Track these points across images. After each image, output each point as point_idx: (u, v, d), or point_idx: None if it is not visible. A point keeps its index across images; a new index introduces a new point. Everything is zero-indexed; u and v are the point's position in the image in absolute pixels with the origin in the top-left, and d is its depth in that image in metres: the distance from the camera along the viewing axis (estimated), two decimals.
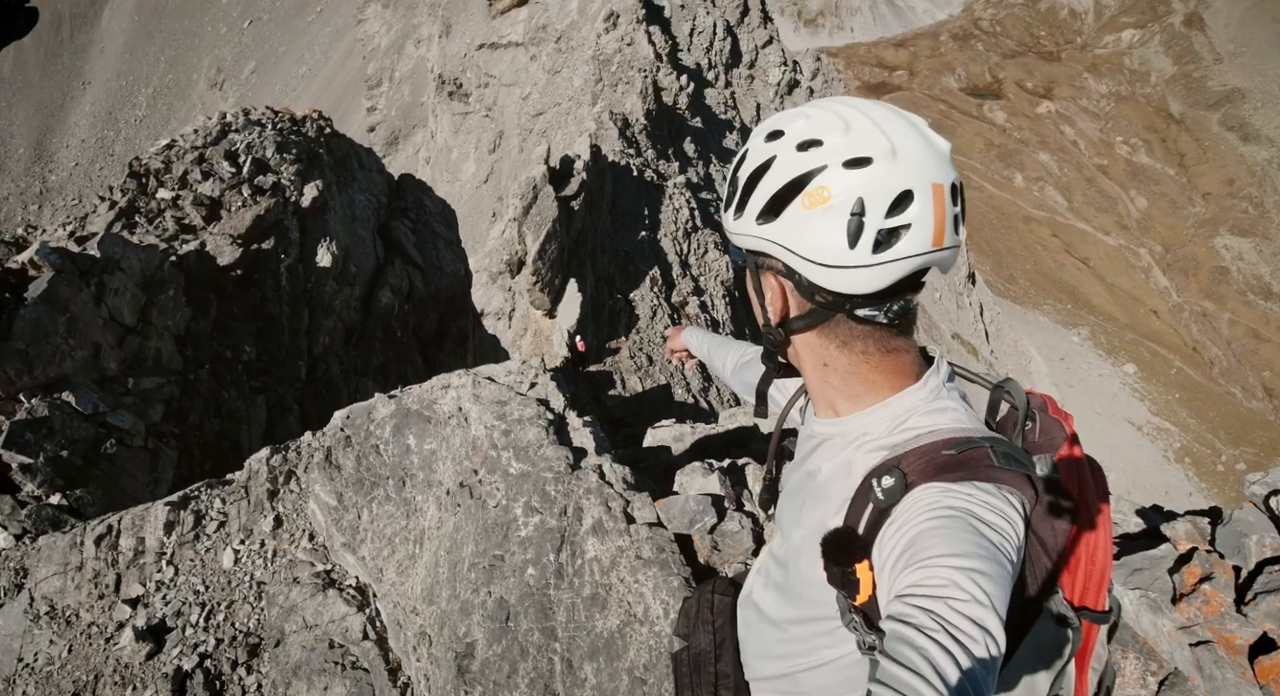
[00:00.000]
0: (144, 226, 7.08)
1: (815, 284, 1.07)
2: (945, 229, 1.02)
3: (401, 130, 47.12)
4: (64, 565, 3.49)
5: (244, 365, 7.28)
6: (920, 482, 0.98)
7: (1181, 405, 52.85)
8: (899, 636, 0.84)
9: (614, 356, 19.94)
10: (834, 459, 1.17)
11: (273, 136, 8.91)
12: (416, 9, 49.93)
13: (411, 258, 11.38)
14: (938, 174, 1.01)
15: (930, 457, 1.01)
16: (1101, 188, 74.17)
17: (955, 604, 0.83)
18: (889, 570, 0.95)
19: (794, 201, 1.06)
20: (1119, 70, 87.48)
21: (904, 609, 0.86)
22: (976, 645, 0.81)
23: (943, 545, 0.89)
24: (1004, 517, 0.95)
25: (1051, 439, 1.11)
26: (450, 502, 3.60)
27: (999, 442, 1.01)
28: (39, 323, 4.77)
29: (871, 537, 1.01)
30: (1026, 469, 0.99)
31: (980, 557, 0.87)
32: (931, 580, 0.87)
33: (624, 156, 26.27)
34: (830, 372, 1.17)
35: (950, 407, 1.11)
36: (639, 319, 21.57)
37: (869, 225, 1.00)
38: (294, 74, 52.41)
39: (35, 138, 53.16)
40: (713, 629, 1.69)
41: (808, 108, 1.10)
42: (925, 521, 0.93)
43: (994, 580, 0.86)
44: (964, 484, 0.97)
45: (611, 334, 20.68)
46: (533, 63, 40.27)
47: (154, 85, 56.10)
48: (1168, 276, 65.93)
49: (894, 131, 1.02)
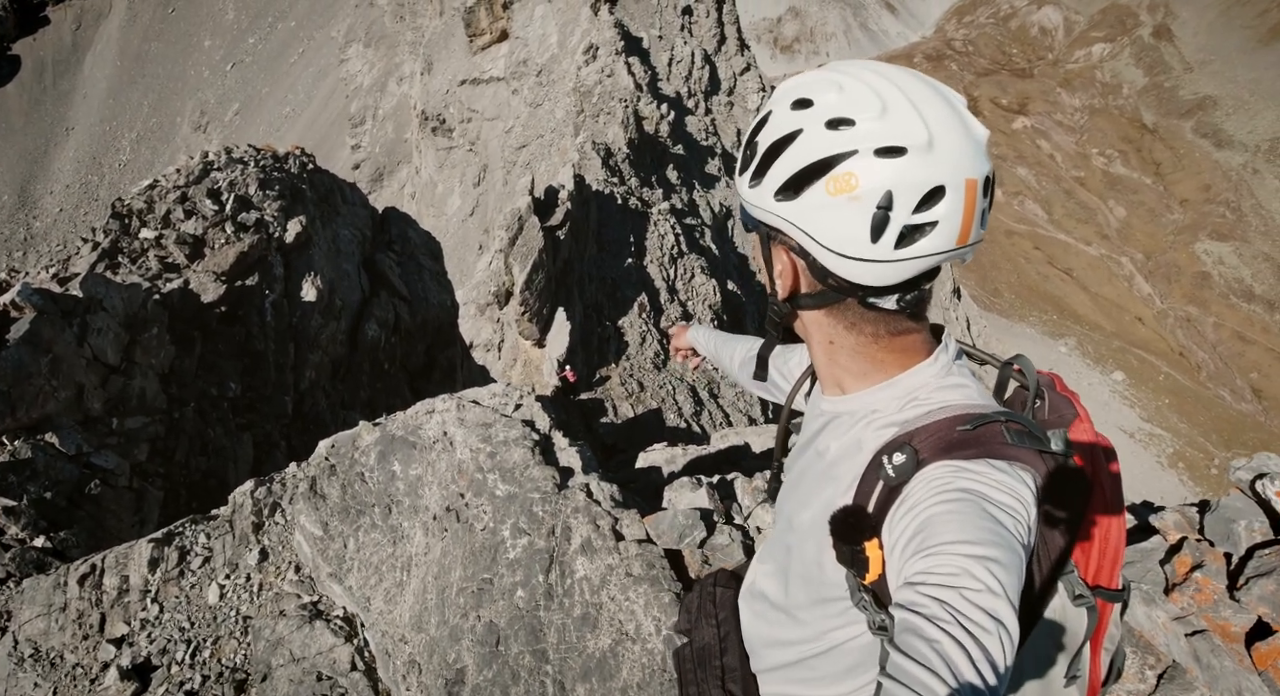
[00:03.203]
0: (127, 266, 7.07)
1: (829, 270, 1.03)
2: (973, 226, 0.97)
3: (386, 167, 47.41)
4: (47, 606, 3.42)
5: (229, 402, 7.22)
6: (932, 460, 0.96)
7: (1172, 410, 53.10)
8: (910, 627, 0.82)
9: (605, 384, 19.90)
10: (842, 437, 1.15)
11: (255, 174, 8.95)
12: (398, 47, 50.54)
13: (397, 290, 11.39)
14: (972, 168, 0.95)
15: (942, 434, 0.98)
16: (1080, 199, 75.27)
17: (968, 593, 0.81)
18: (899, 552, 0.93)
19: (817, 183, 1.00)
20: (1091, 84, 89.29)
21: (915, 597, 0.84)
22: (990, 637, 0.79)
23: (955, 531, 0.87)
24: (1017, 498, 0.93)
25: (1062, 416, 1.10)
26: (437, 528, 3.56)
27: (1013, 418, 0.99)
28: (21, 364, 4.73)
29: (882, 516, 0.98)
30: (1042, 445, 0.97)
31: (994, 545, 0.85)
32: (943, 568, 0.84)
33: (608, 185, 26.46)
34: (837, 350, 1.14)
35: (962, 384, 1.09)
36: (628, 345, 21.56)
37: (895, 220, 0.95)
38: (278, 114, 52.79)
39: (19, 184, 53.18)
40: (716, 622, 1.66)
41: (840, 76, 1.02)
42: (937, 504, 0.91)
43: (1007, 568, 0.84)
44: (977, 462, 0.94)
45: (602, 361, 20.65)
46: (514, 96, 40.71)
47: (138, 129, 56.36)
48: (1151, 283, 66.65)
49: (933, 118, 0.95)
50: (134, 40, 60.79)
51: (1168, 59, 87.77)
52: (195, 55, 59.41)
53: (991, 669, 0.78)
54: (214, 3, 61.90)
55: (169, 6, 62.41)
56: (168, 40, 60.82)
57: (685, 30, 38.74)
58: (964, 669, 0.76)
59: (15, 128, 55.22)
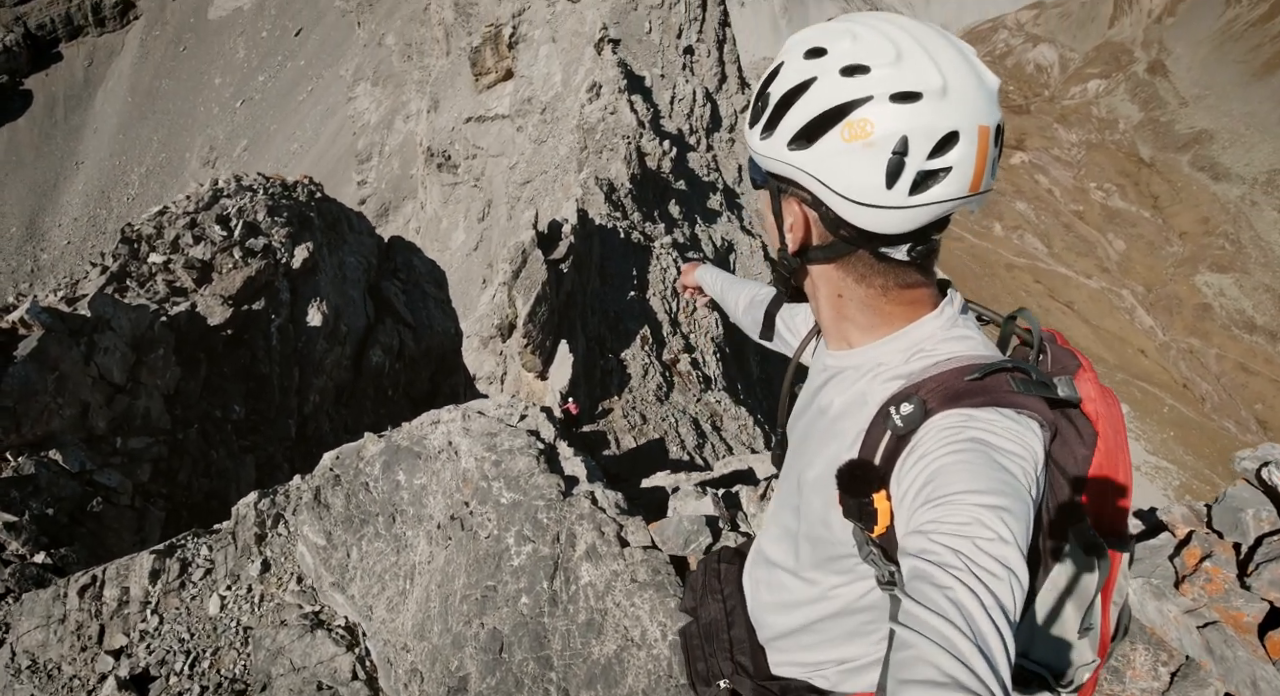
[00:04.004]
0: (135, 290, 7.14)
1: (843, 219, 1.03)
2: (985, 173, 0.98)
3: (392, 202, 48.04)
4: (46, 618, 3.39)
5: (233, 424, 7.22)
6: (940, 409, 0.96)
7: (1177, 443, 52.74)
8: (921, 574, 0.83)
9: (607, 417, 19.85)
10: (847, 391, 1.15)
11: (264, 201, 9.08)
12: (405, 86, 51.58)
13: (402, 316, 11.45)
14: (985, 115, 0.96)
15: (950, 384, 0.99)
16: (1079, 233, 75.84)
17: (980, 542, 0.82)
18: (909, 502, 0.93)
19: (831, 131, 0.99)
20: (1088, 119, 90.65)
21: (927, 544, 0.84)
22: (1001, 584, 0.79)
23: (966, 480, 0.87)
24: (1024, 446, 0.93)
25: (1065, 367, 1.11)
26: (441, 536, 3.54)
27: (1019, 367, 1.00)
28: (28, 381, 4.76)
29: (889, 467, 0.99)
30: (1049, 392, 0.98)
31: (1003, 494, 0.86)
32: (955, 517, 0.85)
33: (611, 220, 26.72)
34: (846, 304, 1.14)
35: (967, 336, 1.09)
36: (631, 378, 21.54)
37: (910, 166, 0.95)
38: (285, 151, 53.70)
39: (28, 217, 54.05)
40: (722, 597, 1.66)
41: (854, 25, 1.02)
42: (947, 454, 0.91)
43: (1017, 517, 0.85)
44: (985, 410, 0.95)
45: (604, 394, 20.62)
46: (519, 134, 41.34)
47: (147, 164, 57.40)
48: (1152, 315, 66.80)
49: (947, 64, 0.95)
50: (145, 77, 62.29)
51: (1163, 94, 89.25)
52: (205, 92, 60.73)
53: (1003, 615, 0.78)
54: (225, 42, 63.55)
55: (180, 45, 64.07)
56: (178, 77, 62.29)
57: (687, 69, 39.49)
58: (977, 615, 0.76)
59: (25, 161, 56.30)
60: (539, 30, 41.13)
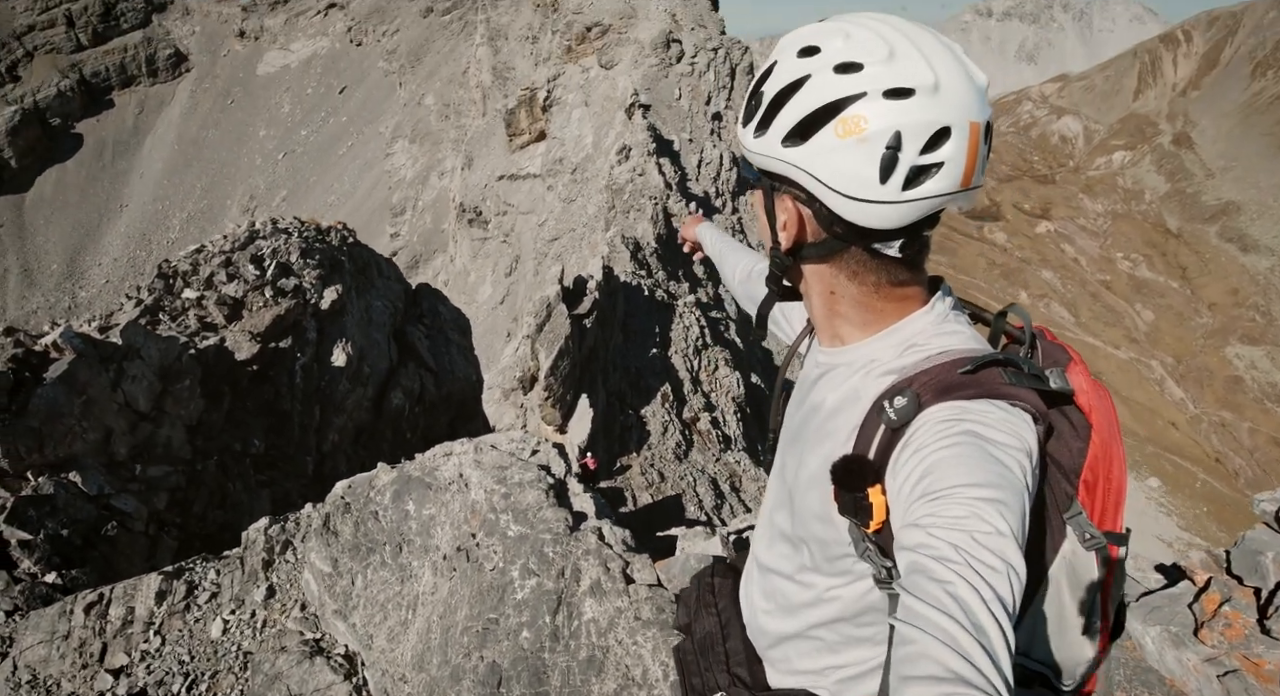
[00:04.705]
0: (167, 323, 7.34)
1: (836, 215, 1.03)
2: (976, 168, 0.98)
3: (422, 255, 49.14)
4: (51, 633, 3.40)
5: (252, 458, 7.29)
6: (934, 401, 0.97)
7: (1210, 518, 50.88)
8: (919, 568, 0.82)
9: (625, 473, 19.67)
10: (840, 388, 1.15)
11: (298, 243, 9.36)
12: (441, 144, 53.40)
13: (425, 361, 11.59)
14: (976, 112, 0.97)
15: (943, 377, 0.99)
16: (1107, 302, 75.18)
17: (978, 535, 0.81)
18: (905, 496, 0.92)
19: (826, 127, 1.00)
20: (1113, 189, 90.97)
21: (924, 538, 0.84)
22: (999, 577, 0.79)
23: (963, 474, 0.87)
24: (1019, 438, 0.93)
25: (1056, 361, 1.11)
26: (446, 567, 3.52)
27: (1011, 360, 1.01)
28: (55, 402, 4.88)
29: (884, 461, 0.99)
30: (1042, 384, 0.99)
31: (999, 487, 0.86)
32: (951, 511, 0.84)
33: (635, 277, 27.02)
34: (838, 300, 1.15)
35: (959, 330, 1.10)
36: (650, 435, 21.41)
37: (903, 160, 0.96)
38: (323, 202, 55.48)
39: (69, 255, 56.29)
40: (717, 610, 1.63)
41: (847, 24, 1.03)
42: (943, 448, 0.91)
43: (1014, 510, 0.85)
44: (978, 401, 0.95)
45: (623, 450, 20.47)
46: (549, 192, 42.34)
47: (188, 210, 59.72)
48: (1182, 387, 65.43)
49: (938, 61, 0.97)
50: (192, 127, 65.38)
51: (1189, 166, 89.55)
52: (250, 143, 63.39)
53: (1003, 609, 0.77)
54: (272, 96, 66.65)
55: (229, 97, 67.32)
56: (224, 128, 65.25)
57: (715, 134, 40.48)
58: (977, 610, 0.76)
59: (71, 202, 58.86)
60: (572, 94, 42.57)
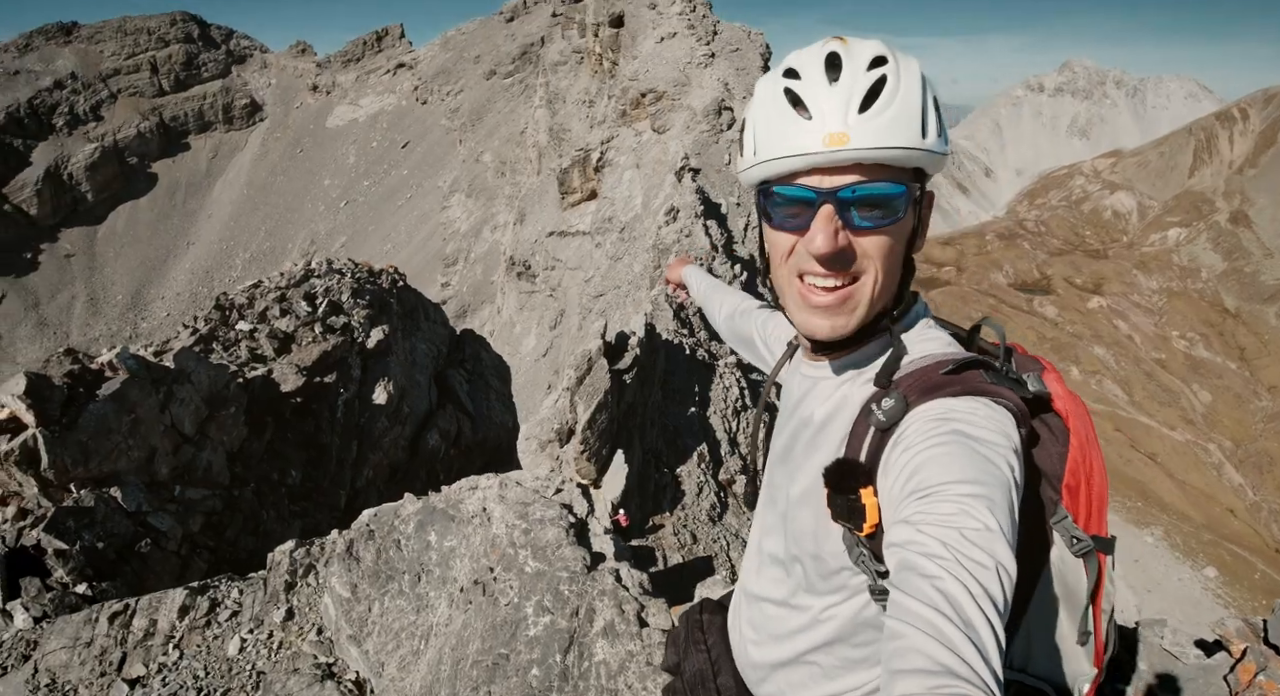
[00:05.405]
0: (219, 352, 7.63)
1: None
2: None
3: (471, 305, 50.23)
4: (74, 639, 3.47)
5: (288, 488, 7.42)
6: (920, 401, 0.98)
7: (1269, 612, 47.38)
8: (909, 565, 0.82)
9: (657, 533, 19.36)
10: (829, 399, 1.16)
11: (350, 283, 9.70)
12: (496, 199, 55.13)
13: (463, 405, 11.74)
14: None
15: (927, 377, 1.01)
16: (1162, 382, 72.56)
17: (967, 532, 0.81)
18: (896, 494, 0.93)
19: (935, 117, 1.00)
20: (1168, 266, 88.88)
21: (914, 535, 0.84)
22: (988, 573, 0.79)
23: (951, 471, 0.88)
24: (1003, 434, 0.94)
25: (1030, 369, 1.11)
26: (462, 600, 3.51)
27: (989, 364, 1.03)
28: (104, 419, 5.09)
29: (875, 463, 0.99)
30: (1021, 387, 1.01)
31: (988, 484, 0.86)
32: (940, 508, 0.85)
33: (678, 336, 27.07)
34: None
35: (938, 336, 1.12)
36: (684, 495, 21.09)
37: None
38: (379, 250, 57.45)
39: (134, 287, 59.38)
40: (706, 646, 1.59)
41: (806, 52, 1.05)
42: (930, 445, 0.92)
43: (1002, 507, 0.85)
44: (963, 398, 0.97)
45: (656, 508, 20.17)
46: (597, 249, 43.10)
47: (251, 250, 62.64)
48: (1241, 473, 62.14)
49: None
50: (262, 173, 69.21)
51: (1246, 244, 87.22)
52: (314, 191, 66.61)
53: (992, 605, 0.77)
54: (339, 148, 70.22)
55: (298, 147, 71.17)
56: (292, 176, 68.80)
57: None
58: (966, 605, 0.76)
59: (141, 237, 62.36)
60: (625, 156, 43.75)
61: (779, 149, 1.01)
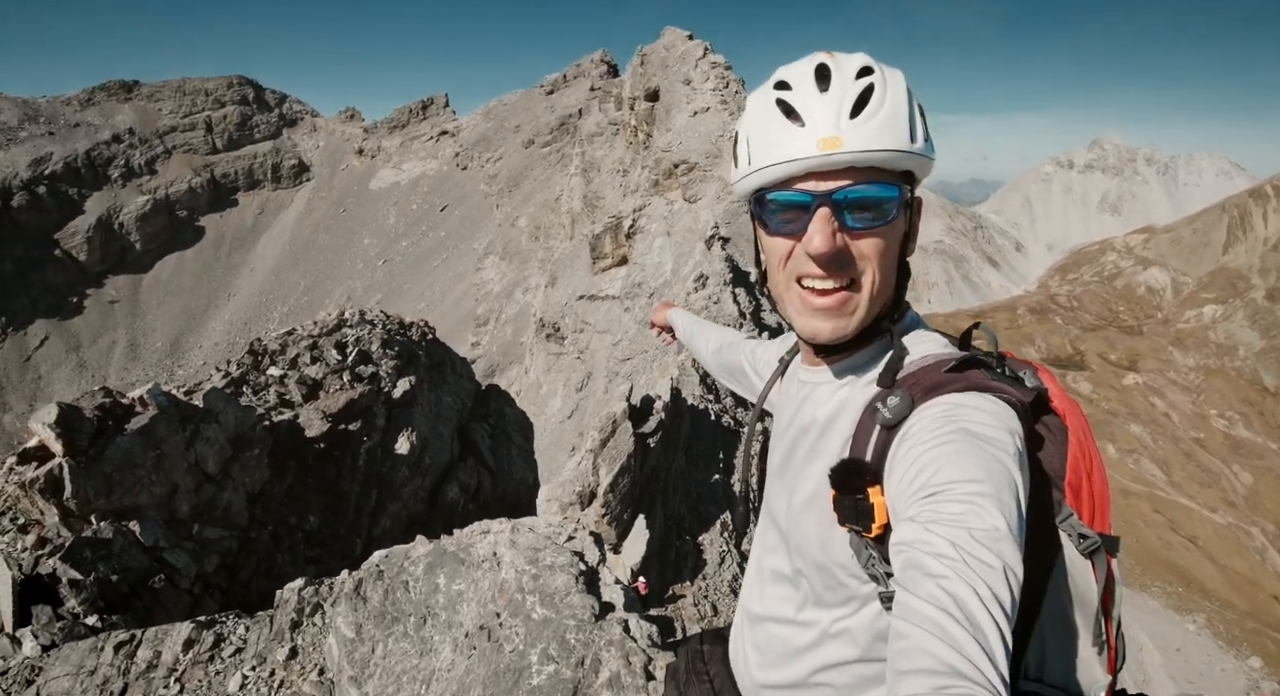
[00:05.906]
0: (249, 395, 7.78)
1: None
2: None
3: (499, 365, 50.74)
4: (78, 667, 3.46)
5: (305, 534, 7.41)
6: (925, 398, 0.99)
7: None
8: (915, 564, 0.82)
9: (677, 603, 18.87)
10: (829, 402, 1.17)
11: (380, 334, 9.90)
12: (529, 262, 56.33)
13: (484, 459, 11.73)
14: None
15: (930, 376, 1.02)
16: (1201, 462, 70.05)
17: (974, 531, 0.81)
18: (903, 492, 0.93)
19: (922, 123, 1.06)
20: (1204, 343, 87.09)
21: (921, 534, 0.84)
22: (995, 574, 0.78)
23: (958, 470, 0.88)
24: (1008, 430, 0.94)
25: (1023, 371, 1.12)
26: (466, 645, 3.44)
27: (987, 362, 1.05)
28: (130, 453, 5.18)
29: (882, 461, 0.99)
30: (1019, 384, 1.02)
31: (995, 483, 0.86)
32: (948, 507, 0.85)
33: (703, 401, 26.95)
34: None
35: (935, 338, 1.15)
36: (706, 564, 20.60)
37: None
38: (413, 308, 58.74)
39: (174, 335, 61.32)
40: (709, 677, 1.55)
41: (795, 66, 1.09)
42: (937, 443, 0.92)
43: (1010, 507, 0.85)
44: (967, 394, 0.98)
45: (676, 577, 19.72)
46: (626, 314, 43.46)
47: (289, 304, 64.57)
48: None
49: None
50: (305, 230, 71.90)
51: None
52: (354, 249, 68.90)
53: (999, 605, 0.76)
54: (380, 208, 72.86)
55: (341, 207, 74.00)
56: (334, 234, 71.31)
57: None
58: (972, 605, 0.75)
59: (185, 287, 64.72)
60: (656, 224, 44.59)
61: (774, 156, 1.06)
